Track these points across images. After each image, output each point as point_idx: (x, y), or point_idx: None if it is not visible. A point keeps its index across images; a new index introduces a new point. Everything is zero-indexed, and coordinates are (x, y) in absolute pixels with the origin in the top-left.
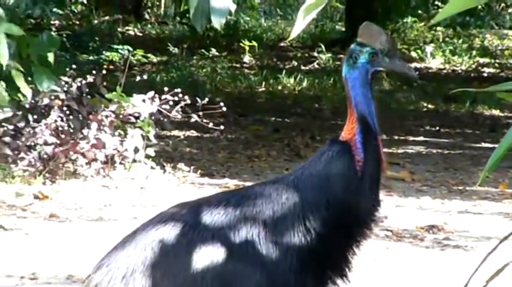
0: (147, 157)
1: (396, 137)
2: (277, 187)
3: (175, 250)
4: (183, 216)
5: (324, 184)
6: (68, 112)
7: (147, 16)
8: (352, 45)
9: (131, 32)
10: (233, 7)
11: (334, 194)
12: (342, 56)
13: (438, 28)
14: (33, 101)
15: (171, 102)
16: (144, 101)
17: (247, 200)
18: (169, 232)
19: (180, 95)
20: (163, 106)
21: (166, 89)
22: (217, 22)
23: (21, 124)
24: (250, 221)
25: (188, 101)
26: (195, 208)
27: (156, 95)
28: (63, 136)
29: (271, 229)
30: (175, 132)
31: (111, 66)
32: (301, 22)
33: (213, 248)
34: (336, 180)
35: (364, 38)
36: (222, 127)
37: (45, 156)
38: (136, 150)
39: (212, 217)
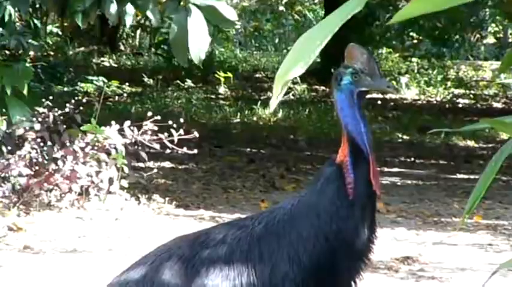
0: (122, 188)
1: None
2: (274, 216)
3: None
4: (180, 248)
5: (314, 213)
6: (42, 143)
7: (122, 47)
8: (339, 68)
9: (106, 63)
10: (208, 40)
11: (324, 223)
12: (317, 87)
13: (413, 59)
14: (6, 132)
15: (146, 133)
16: (119, 132)
17: (245, 232)
18: (169, 266)
19: (156, 127)
20: (139, 137)
21: (145, 120)
22: (196, 57)
23: None
24: (247, 253)
25: (163, 132)
26: (193, 241)
27: (131, 126)
28: (37, 168)
29: (267, 262)
30: (150, 164)
31: (86, 98)
32: (279, 90)
33: (208, 282)
34: (325, 207)
35: (347, 59)
36: (196, 155)
37: (19, 187)
38: (111, 181)
39: (210, 251)
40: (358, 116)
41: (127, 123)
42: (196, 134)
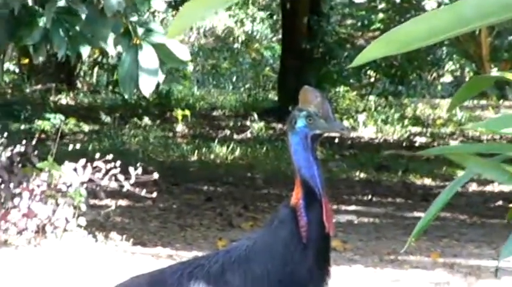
0: (79, 226)
1: None
2: (230, 256)
3: None
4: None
5: (268, 255)
6: None
7: (79, 85)
8: (294, 111)
9: (63, 101)
10: (161, 77)
11: (277, 266)
12: (274, 125)
13: (370, 97)
14: None
15: (103, 171)
16: (75, 170)
17: (201, 271)
18: None
19: (112, 164)
20: (96, 175)
21: (98, 156)
22: (146, 90)
23: None
24: None
25: (119, 170)
26: (150, 279)
27: (88, 164)
28: None
29: None
30: (107, 201)
31: (43, 135)
32: (183, 20)
33: None
34: (279, 249)
35: (301, 102)
36: (154, 195)
37: None
38: (67, 219)
39: None
40: (311, 159)
41: (83, 161)
42: (155, 175)
